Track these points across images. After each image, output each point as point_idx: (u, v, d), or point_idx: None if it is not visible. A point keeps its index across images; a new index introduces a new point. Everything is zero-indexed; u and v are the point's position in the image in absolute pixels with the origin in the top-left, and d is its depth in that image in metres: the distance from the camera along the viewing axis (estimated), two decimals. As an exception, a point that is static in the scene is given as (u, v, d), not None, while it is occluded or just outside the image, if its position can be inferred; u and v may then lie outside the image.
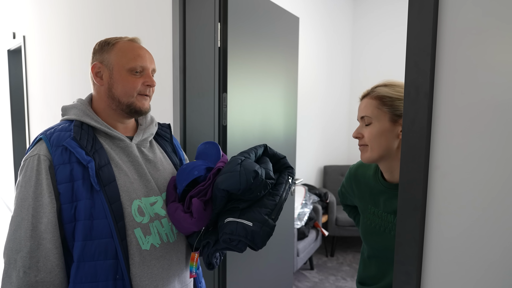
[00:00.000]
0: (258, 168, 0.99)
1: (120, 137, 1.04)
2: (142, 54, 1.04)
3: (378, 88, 1.06)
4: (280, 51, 2.29)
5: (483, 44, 0.63)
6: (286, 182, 1.08)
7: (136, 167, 1.04)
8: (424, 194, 0.71)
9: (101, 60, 1.03)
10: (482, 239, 0.65)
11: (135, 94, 1.03)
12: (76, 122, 1.00)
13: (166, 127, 1.24)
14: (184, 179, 1.03)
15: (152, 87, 1.06)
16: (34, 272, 0.89)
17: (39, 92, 3.64)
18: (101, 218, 0.94)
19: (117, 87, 1.02)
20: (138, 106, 1.04)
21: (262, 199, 1.02)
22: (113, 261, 0.95)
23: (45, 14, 3.36)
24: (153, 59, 1.08)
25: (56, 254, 0.92)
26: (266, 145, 1.14)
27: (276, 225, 1.00)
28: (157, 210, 1.04)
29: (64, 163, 0.93)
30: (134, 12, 2.11)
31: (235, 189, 0.96)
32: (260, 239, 0.96)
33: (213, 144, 1.16)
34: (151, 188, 1.04)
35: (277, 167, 1.14)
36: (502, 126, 0.61)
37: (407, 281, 0.74)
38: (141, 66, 1.03)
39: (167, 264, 1.03)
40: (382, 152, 1.03)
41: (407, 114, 0.72)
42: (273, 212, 1.00)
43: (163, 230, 1.03)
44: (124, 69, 1.01)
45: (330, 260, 3.65)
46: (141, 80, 1.03)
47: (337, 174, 4.23)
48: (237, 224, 0.97)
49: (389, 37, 4.20)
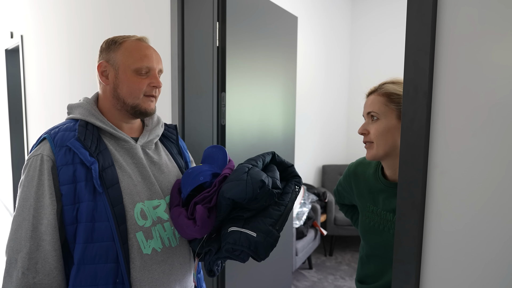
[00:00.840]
0: (265, 177, 0.97)
1: (125, 138, 1.02)
2: (149, 54, 1.01)
3: (386, 85, 1.05)
4: (279, 50, 2.29)
5: (481, 43, 0.63)
6: (293, 192, 1.06)
7: (140, 169, 1.02)
8: (423, 193, 0.71)
9: (108, 59, 1.01)
10: (481, 237, 0.65)
11: (140, 95, 1.01)
12: (81, 122, 0.98)
13: (172, 128, 1.22)
14: (190, 184, 1.01)
15: (158, 88, 1.04)
16: (32, 274, 0.88)
17: (37, 92, 3.63)
18: (103, 220, 0.92)
19: (123, 87, 1.00)
20: (143, 107, 1.02)
21: (267, 209, 1.00)
22: (113, 264, 0.93)
23: (43, 13, 3.35)
24: (160, 59, 1.06)
25: (55, 256, 0.91)
26: (274, 152, 1.12)
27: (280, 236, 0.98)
28: (159, 213, 1.02)
29: (68, 164, 0.92)
30: (133, 11, 2.11)
31: (240, 198, 0.94)
32: (264, 250, 0.94)
33: (220, 148, 1.14)
34: (154, 191, 1.02)
35: (284, 175, 1.12)
36: (500, 125, 0.62)
37: (406, 279, 0.74)
38: (147, 66, 1.00)
39: (168, 268, 1.01)
40: (388, 149, 1.02)
41: (406, 113, 0.73)
42: (278, 222, 0.98)
43: (165, 234, 1.02)
44: (129, 69, 0.99)
45: (329, 260, 3.65)
46: (147, 81, 1.01)
47: (335, 174, 4.24)
48: (241, 234, 0.95)
49: (388, 37, 4.21)
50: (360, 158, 1.23)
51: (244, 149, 2.03)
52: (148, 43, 1.06)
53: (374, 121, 1.04)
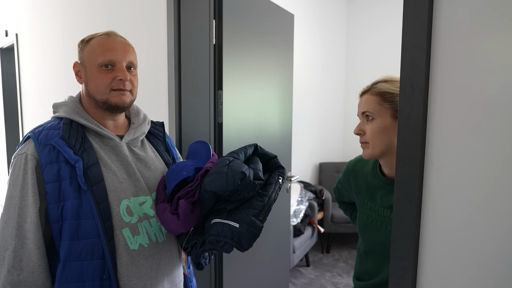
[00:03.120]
0: (246, 169, 0.97)
1: (109, 136, 1.02)
2: (112, 47, 0.98)
3: (378, 84, 1.05)
4: (275, 48, 2.29)
5: (478, 39, 0.63)
6: (276, 183, 1.07)
7: (126, 166, 1.02)
8: (420, 189, 0.72)
9: (79, 58, 1.03)
10: (477, 233, 0.65)
11: (107, 90, 0.98)
12: (66, 120, 0.99)
13: (159, 125, 1.22)
14: (173, 179, 1.02)
15: (125, 81, 0.99)
16: (17, 271, 0.89)
17: (33, 90, 3.61)
18: (88, 218, 0.93)
19: (91, 84, 1.00)
20: (113, 101, 0.99)
21: (250, 200, 1.00)
22: (99, 261, 0.94)
23: (38, 11, 3.32)
24: (131, 51, 1.02)
25: (38, 254, 0.91)
26: (257, 144, 1.13)
27: (264, 226, 0.99)
28: (146, 210, 1.03)
29: (52, 162, 0.92)
30: (129, 9, 2.10)
31: (222, 190, 0.95)
32: (247, 240, 0.95)
33: (204, 143, 1.15)
34: (140, 187, 1.03)
35: (268, 167, 1.12)
36: (496, 122, 0.62)
37: (403, 276, 0.75)
38: (110, 60, 0.98)
39: (155, 263, 1.02)
40: (384, 148, 1.02)
41: (403, 110, 0.73)
42: (261, 213, 0.99)
43: (152, 230, 1.03)
44: (94, 65, 0.98)
45: (326, 257, 3.67)
46: (112, 74, 0.98)
47: (332, 171, 4.25)
48: (223, 226, 0.96)
49: (384, 35, 4.21)
50: (359, 156, 1.24)
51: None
52: (116, 36, 1.03)
53: (369, 121, 1.04)
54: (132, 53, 1.03)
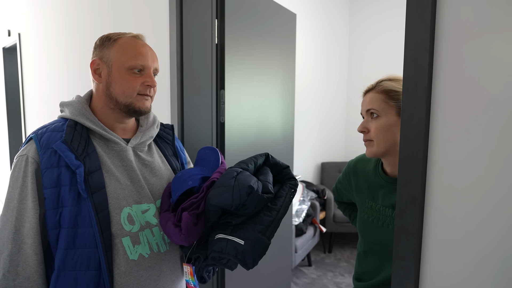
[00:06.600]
0: (254, 182, 0.92)
1: (115, 140, 0.99)
2: (144, 52, 0.98)
3: (383, 82, 1.05)
4: (278, 47, 2.29)
5: (482, 38, 0.63)
6: (287, 196, 1.00)
7: (129, 172, 0.98)
8: (423, 189, 0.72)
9: (101, 56, 0.98)
10: (481, 233, 0.65)
11: (134, 94, 0.97)
12: (70, 122, 0.95)
13: (169, 128, 1.18)
14: (178, 189, 0.98)
15: (153, 87, 1.00)
16: (13, 276, 0.86)
17: (35, 90, 3.62)
18: (86, 226, 0.89)
19: (115, 86, 0.96)
20: (137, 106, 0.98)
21: (258, 214, 0.95)
22: (95, 272, 0.90)
23: (41, 11, 3.33)
24: (156, 58, 1.03)
25: (36, 260, 0.89)
26: (268, 153, 1.07)
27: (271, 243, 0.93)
28: (148, 218, 0.99)
29: (52, 167, 0.89)
30: (131, 8, 2.10)
31: (227, 205, 0.91)
32: (252, 259, 0.89)
33: (213, 150, 1.11)
34: (144, 194, 0.99)
35: (279, 178, 1.07)
36: (499, 122, 0.62)
37: (406, 275, 0.74)
38: (142, 64, 0.97)
39: (155, 275, 0.98)
40: (389, 146, 1.02)
41: (406, 109, 0.73)
42: (268, 229, 0.93)
43: (154, 240, 0.99)
44: (123, 67, 0.96)
45: (328, 257, 3.66)
46: (141, 79, 0.97)
47: (334, 171, 4.24)
48: (228, 242, 0.91)
49: (386, 34, 4.20)
50: (360, 155, 1.24)
51: (243, 147, 2.03)
52: (144, 40, 1.03)
53: (374, 119, 1.04)
54: (157, 60, 1.03)
